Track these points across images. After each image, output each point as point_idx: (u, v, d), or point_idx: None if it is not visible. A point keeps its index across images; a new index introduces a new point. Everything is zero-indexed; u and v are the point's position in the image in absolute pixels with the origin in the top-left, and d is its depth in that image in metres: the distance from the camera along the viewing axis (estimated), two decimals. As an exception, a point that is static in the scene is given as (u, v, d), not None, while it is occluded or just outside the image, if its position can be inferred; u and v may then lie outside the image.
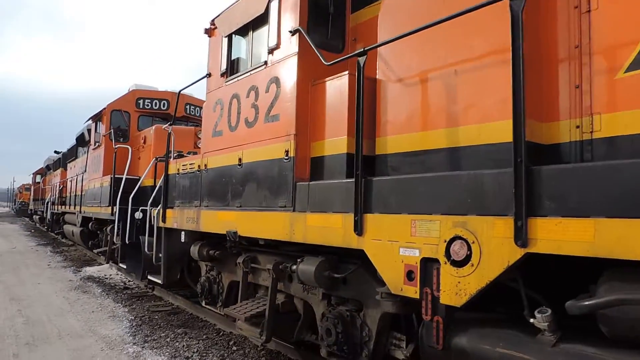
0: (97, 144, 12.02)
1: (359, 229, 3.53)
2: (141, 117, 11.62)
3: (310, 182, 4.15)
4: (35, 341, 6.18)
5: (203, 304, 6.92)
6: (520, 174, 2.59)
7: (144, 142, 10.66)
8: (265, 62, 4.90)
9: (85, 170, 13.71)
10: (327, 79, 4.34)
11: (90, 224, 12.81)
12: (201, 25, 6.42)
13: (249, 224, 4.91)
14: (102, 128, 11.66)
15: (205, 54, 6.23)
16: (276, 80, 4.69)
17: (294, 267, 4.55)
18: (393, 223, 3.30)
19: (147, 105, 11.54)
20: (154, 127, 10.38)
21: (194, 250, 6.34)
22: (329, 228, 3.84)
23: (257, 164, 4.88)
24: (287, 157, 4.43)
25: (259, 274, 5.56)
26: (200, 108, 12.23)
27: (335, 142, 4.17)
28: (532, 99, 2.88)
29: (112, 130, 10.66)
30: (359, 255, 4.06)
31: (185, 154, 8.26)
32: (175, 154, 10.12)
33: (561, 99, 3.06)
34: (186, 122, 11.76)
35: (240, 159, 5.19)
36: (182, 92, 12.01)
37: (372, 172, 4.09)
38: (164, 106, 11.64)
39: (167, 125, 7.22)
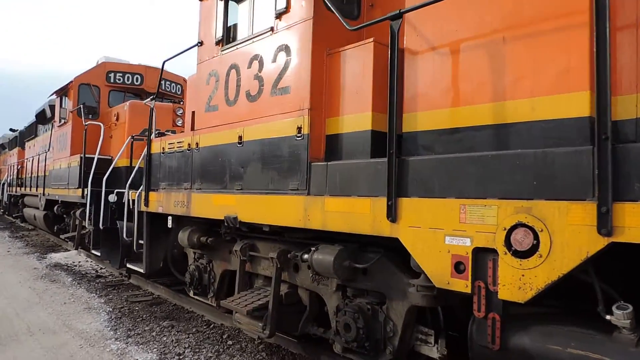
0: (63, 120, 11.09)
1: (393, 214, 3.15)
2: (112, 92, 10.77)
3: (329, 163, 3.72)
4: (2, 340, 5.54)
5: (191, 294, 6.43)
6: (605, 153, 2.26)
7: (117, 120, 9.87)
8: (272, 28, 4.39)
9: (48, 150, 12.71)
10: (346, 47, 3.89)
11: (55, 208, 11.93)
12: (189, -12, 5.78)
13: (252, 209, 4.44)
14: (69, 103, 10.74)
15: (194, 21, 5.62)
16: (285, 49, 4.20)
17: (305, 256, 4.14)
18: (436, 208, 2.93)
19: (119, 80, 10.69)
20: (128, 103, 9.61)
21: (183, 236, 5.81)
22: (354, 214, 3.44)
23: (262, 142, 4.39)
24: (299, 135, 3.98)
25: (258, 262, 5.12)
26: (177, 84, 11.49)
27: (357, 119, 3.74)
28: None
29: (81, 106, 9.80)
30: (381, 243, 3.71)
31: (164, 133, 7.65)
32: (155, 132, 9.48)
33: (625, 71, 2.74)
34: (161, 99, 10.99)
35: (240, 137, 4.69)
36: (156, 67, 11.29)
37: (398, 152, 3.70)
38: (137, 81, 10.82)
39: (149, 100, 6.57)
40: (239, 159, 4.69)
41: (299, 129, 3.98)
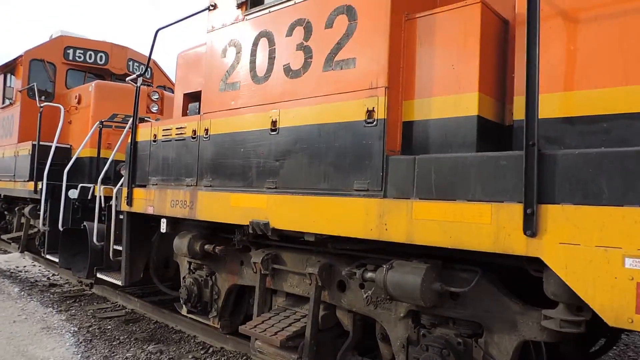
0: (8, 102, 9.44)
1: (533, 227, 2.35)
2: (70, 71, 9.28)
3: (419, 156, 2.86)
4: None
5: (184, 311, 5.35)
6: None
7: (78, 102, 8.46)
8: (325, -14, 3.46)
9: (-13, 136, 10.91)
10: (435, 11, 3.06)
11: (-5, 203, 10.22)
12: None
13: (291, 214, 3.50)
14: (17, 82, 9.15)
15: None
16: (348, 11, 3.29)
17: (369, 274, 3.27)
18: (608, 220, 2.16)
19: (79, 57, 9.22)
20: (94, 84, 8.24)
21: (181, 244, 4.74)
22: (462, 224, 2.61)
23: (309, 129, 3.46)
24: (370, 120, 3.09)
25: (283, 278, 4.18)
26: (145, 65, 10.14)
27: (454, 101, 2.92)
28: None
29: (34, 85, 8.29)
30: (469, 259, 2.93)
31: (143, 119, 6.47)
32: (120, 118, 8.18)
33: None
34: (125, 82, 9.64)
35: (274, 122, 3.72)
36: (124, 46, 9.93)
37: (502, 146, 2.93)
38: (101, 60, 9.39)
39: (135, 76, 5.40)
40: (272, 149, 3.73)
41: (370, 112, 3.10)
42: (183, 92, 5.82)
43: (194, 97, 5.74)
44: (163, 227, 4.87)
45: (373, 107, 3.08)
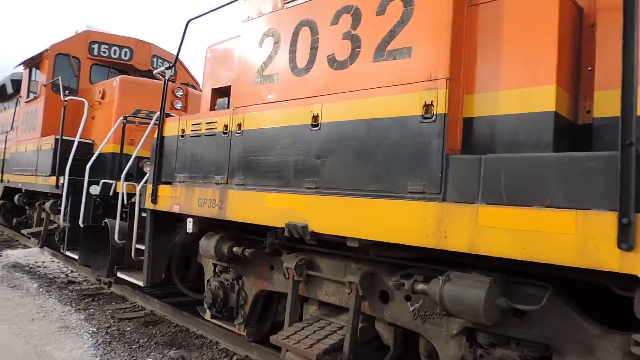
0: (32, 96, 9.35)
1: (629, 239, 2.02)
2: (95, 66, 9.15)
3: (486, 156, 2.55)
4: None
5: (207, 316, 5.10)
6: None
7: (102, 97, 8.30)
8: (378, -31, 3.18)
9: (11, 129, 10.87)
10: (505, -6, 2.75)
11: (16, 197, 10.14)
12: None
13: (334, 216, 3.21)
14: (42, 76, 9.05)
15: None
16: (403, -5, 3.00)
17: (420, 286, 2.97)
18: None
19: (104, 52, 9.10)
20: (119, 79, 8.08)
21: (208, 245, 4.49)
22: (539, 233, 2.29)
23: (356, 125, 3.18)
24: (428, 115, 2.79)
25: (317, 285, 3.89)
26: (169, 62, 9.99)
27: (527, 95, 2.61)
28: None
29: (59, 79, 8.16)
30: (533, 273, 2.60)
31: (169, 114, 6.27)
32: (144, 114, 8.00)
33: None
34: (151, 77, 9.49)
35: (316, 117, 3.45)
36: (148, 42, 9.79)
37: (576, 147, 2.61)
38: (125, 55, 9.26)
39: (163, 68, 5.19)
40: (312, 146, 3.45)
41: (427, 107, 2.80)
42: (211, 87, 5.60)
43: (222, 93, 5.51)
44: (189, 227, 4.62)
45: (432, 101, 2.78)
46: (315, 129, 3.45)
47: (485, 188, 2.53)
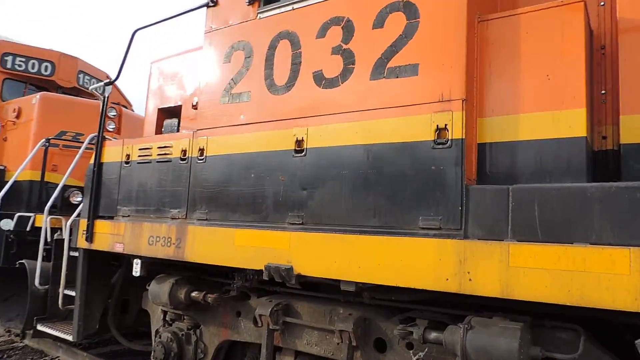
0: None
1: (701, 282, 1.79)
2: (8, 81, 7.99)
3: (515, 187, 2.26)
4: None
5: (155, 374, 4.32)
6: None
7: (17, 117, 7.21)
8: (372, -22, 2.86)
9: None
10: (519, 11, 2.53)
11: None
12: None
13: (326, 256, 2.76)
14: (-62, 91, 7.73)
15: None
16: (406, 8, 2.70)
17: (434, 334, 2.58)
18: None
19: (20, 66, 7.97)
20: (39, 95, 7.06)
21: (160, 290, 3.80)
22: (587, 274, 2.01)
23: (351, 151, 2.78)
24: (443, 140, 2.47)
25: (296, 334, 3.37)
26: (98, 81, 9.06)
27: (553, 119, 2.37)
28: None
29: (-38, 94, 6.99)
30: (565, 316, 2.34)
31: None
32: (70, 137, 7.05)
33: None
34: (76, 95, 8.50)
35: (300, 141, 3.00)
36: (74, 56, 8.79)
37: (605, 175, 2.41)
38: (46, 70, 8.18)
39: (102, 84, 4.49)
40: (296, 175, 2.99)
41: (440, 131, 2.48)
42: (157, 107, 4.98)
43: (170, 113, 4.91)
44: (136, 270, 3.90)
45: (445, 125, 2.46)
46: (299, 155, 3.00)
47: (515, 223, 2.22)
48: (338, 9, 2.97)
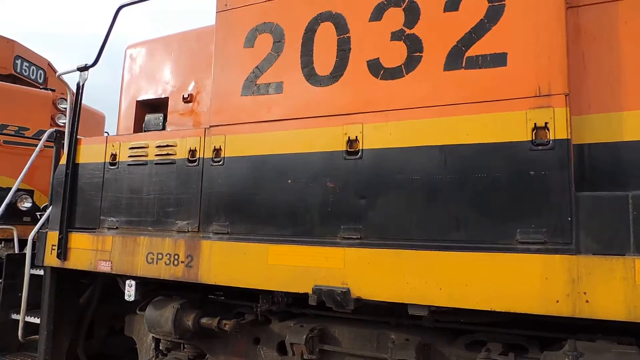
0: None
1: None
2: None
3: (635, 193, 1.99)
4: None
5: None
6: None
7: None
8: (442, -47, 2.48)
9: None
10: (618, -3, 2.27)
11: None
12: None
13: (394, 277, 2.36)
14: None
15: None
16: (487, -12, 2.35)
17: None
18: None
19: (-56, 50, 6.76)
20: (-25, 84, 5.99)
21: (162, 317, 3.19)
22: None
23: (424, 153, 2.39)
24: (543, 142, 2.15)
25: (335, 363, 2.93)
26: (38, 68, 7.99)
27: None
28: None
29: None
30: None
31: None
32: (13, 131, 6.06)
33: None
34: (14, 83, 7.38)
35: (353, 141, 2.57)
36: (14, 41, 7.64)
37: None
38: (-23, 56, 7.02)
39: (74, 69, 3.75)
40: (350, 181, 2.55)
41: (538, 130, 2.16)
42: (136, 99, 4.29)
43: (152, 107, 4.25)
44: (130, 294, 3.24)
45: (545, 123, 2.14)
46: (353, 157, 2.56)
47: (638, 234, 1.95)
48: (397, -12, 2.56)
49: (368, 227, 2.48)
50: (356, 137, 2.56)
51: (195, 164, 3.09)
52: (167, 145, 3.23)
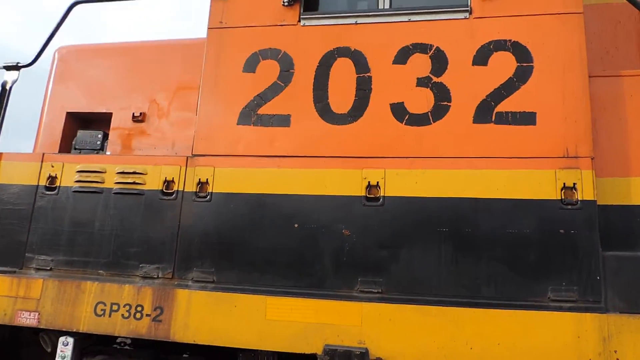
0: None
1: None
2: None
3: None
4: None
5: None
6: None
7: None
8: (469, 9, 2.52)
9: None
10: (631, 73, 2.51)
11: None
12: None
13: (423, 336, 2.20)
14: None
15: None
16: (515, 49, 2.43)
17: None
18: None
19: None
20: None
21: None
22: None
23: (451, 205, 2.31)
24: (571, 201, 2.22)
25: None
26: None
27: (666, 187, 2.34)
28: None
29: None
30: None
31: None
32: None
33: None
34: None
35: (373, 187, 2.40)
36: None
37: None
38: None
39: (13, 63, 3.03)
40: (370, 229, 2.36)
41: (566, 190, 2.23)
42: (66, 111, 3.63)
43: (86, 121, 3.65)
44: (65, 354, 2.53)
45: (574, 184, 2.22)
46: (373, 203, 2.38)
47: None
48: (422, 35, 2.53)
49: (389, 280, 2.29)
50: (377, 182, 2.39)
51: (171, 197, 2.62)
52: (134, 173, 2.70)
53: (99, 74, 3.64)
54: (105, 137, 3.51)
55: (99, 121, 3.59)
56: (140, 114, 3.49)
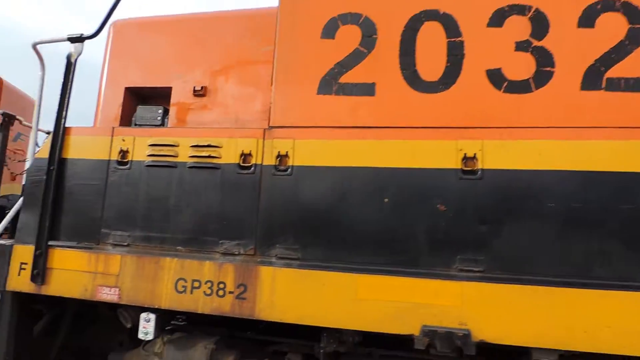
0: None
1: None
2: None
3: None
4: None
5: None
6: None
7: None
8: (574, -35, 2.30)
9: None
10: None
11: None
12: None
13: (534, 318, 2.07)
14: None
15: None
16: (626, 9, 2.22)
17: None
18: None
19: None
20: None
21: (190, 361, 2.53)
22: None
23: (562, 178, 2.15)
24: (695, 174, 2.03)
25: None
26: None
27: None
28: None
29: None
30: None
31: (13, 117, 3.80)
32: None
33: None
34: None
35: (470, 158, 2.25)
36: None
37: None
38: None
39: (64, 37, 2.93)
40: (468, 204, 2.22)
41: (689, 162, 2.04)
42: (125, 86, 3.55)
43: (144, 97, 3.56)
44: (148, 331, 2.51)
45: (700, 156, 2.03)
46: (470, 176, 2.23)
47: None
48: (524, -4, 2.33)
49: (491, 258, 2.16)
50: (474, 154, 2.24)
51: (249, 171, 2.52)
52: (209, 146, 2.60)
53: (157, 47, 3.53)
54: (166, 112, 3.42)
55: (158, 96, 3.50)
56: (202, 87, 3.38)
